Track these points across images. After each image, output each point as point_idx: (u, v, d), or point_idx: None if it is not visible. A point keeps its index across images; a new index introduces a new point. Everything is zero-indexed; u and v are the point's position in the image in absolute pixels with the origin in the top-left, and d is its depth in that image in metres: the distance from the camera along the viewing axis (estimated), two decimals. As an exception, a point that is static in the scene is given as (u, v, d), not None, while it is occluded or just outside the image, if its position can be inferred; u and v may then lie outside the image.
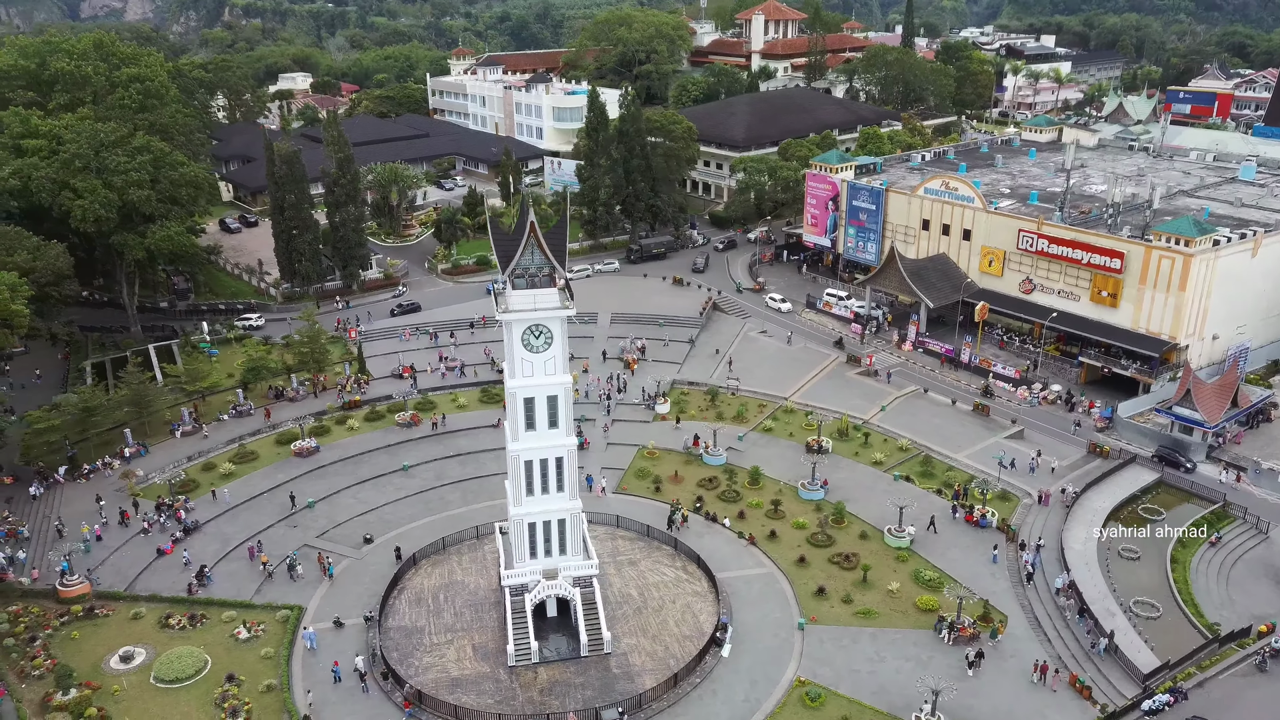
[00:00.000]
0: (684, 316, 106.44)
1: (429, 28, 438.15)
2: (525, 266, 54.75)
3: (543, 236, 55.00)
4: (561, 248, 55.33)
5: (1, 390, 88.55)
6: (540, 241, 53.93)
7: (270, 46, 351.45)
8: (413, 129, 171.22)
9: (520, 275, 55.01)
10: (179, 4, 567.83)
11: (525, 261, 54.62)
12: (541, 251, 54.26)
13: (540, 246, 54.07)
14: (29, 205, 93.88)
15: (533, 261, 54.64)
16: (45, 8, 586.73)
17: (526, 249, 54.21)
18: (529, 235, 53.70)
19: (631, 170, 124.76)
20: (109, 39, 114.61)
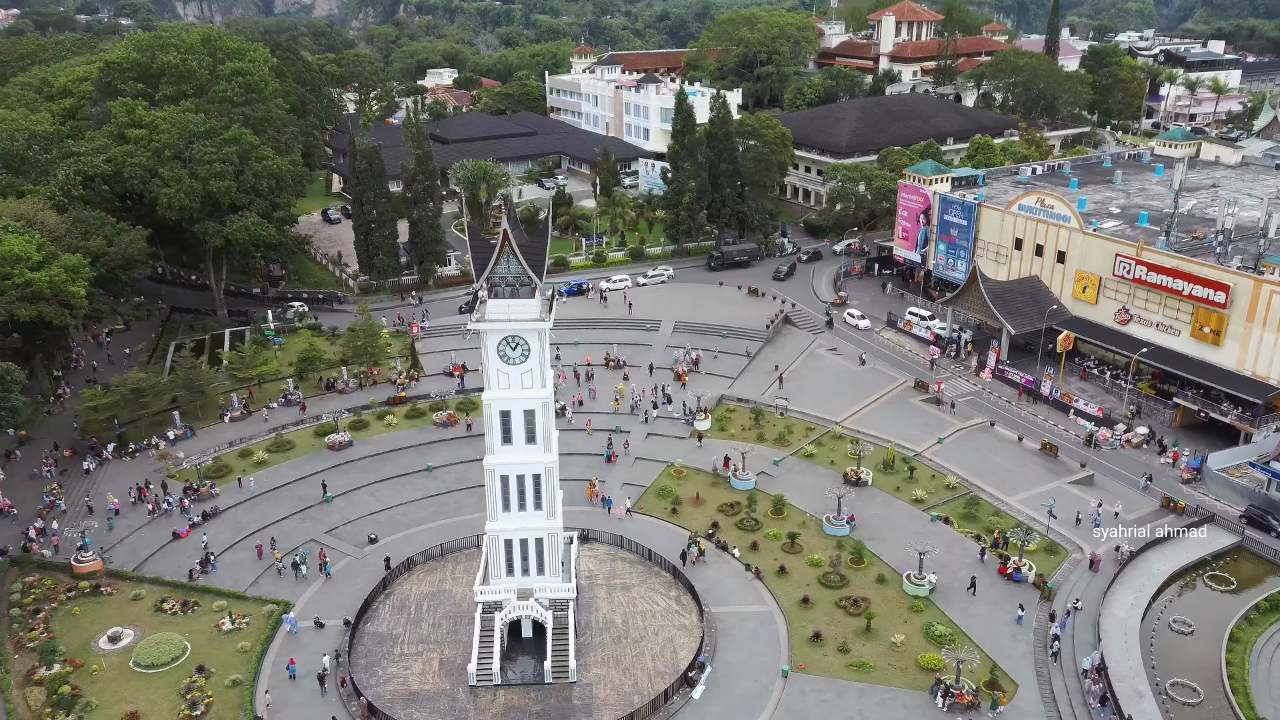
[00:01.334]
0: (749, 329, 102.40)
1: (587, 26, 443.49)
2: (502, 275, 52.84)
3: (522, 246, 53.04)
4: (540, 258, 53.18)
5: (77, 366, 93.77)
6: (515, 251, 51.89)
7: (423, 43, 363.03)
8: (521, 127, 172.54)
9: (498, 284, 53.13)
10: (359, 1, 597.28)
11: (502, 270, 52.72)
12: (518, 261, 52.21)
13: (516, 256, 52.04)
14: (122, 191, 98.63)
15: (509, 271, 52.67)
16: (242, 4, 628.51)
17: (502, 257, 52.30)
18: (503, 244, 51.76)
19: (719, 174, 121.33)
20: (218, 34, 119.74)
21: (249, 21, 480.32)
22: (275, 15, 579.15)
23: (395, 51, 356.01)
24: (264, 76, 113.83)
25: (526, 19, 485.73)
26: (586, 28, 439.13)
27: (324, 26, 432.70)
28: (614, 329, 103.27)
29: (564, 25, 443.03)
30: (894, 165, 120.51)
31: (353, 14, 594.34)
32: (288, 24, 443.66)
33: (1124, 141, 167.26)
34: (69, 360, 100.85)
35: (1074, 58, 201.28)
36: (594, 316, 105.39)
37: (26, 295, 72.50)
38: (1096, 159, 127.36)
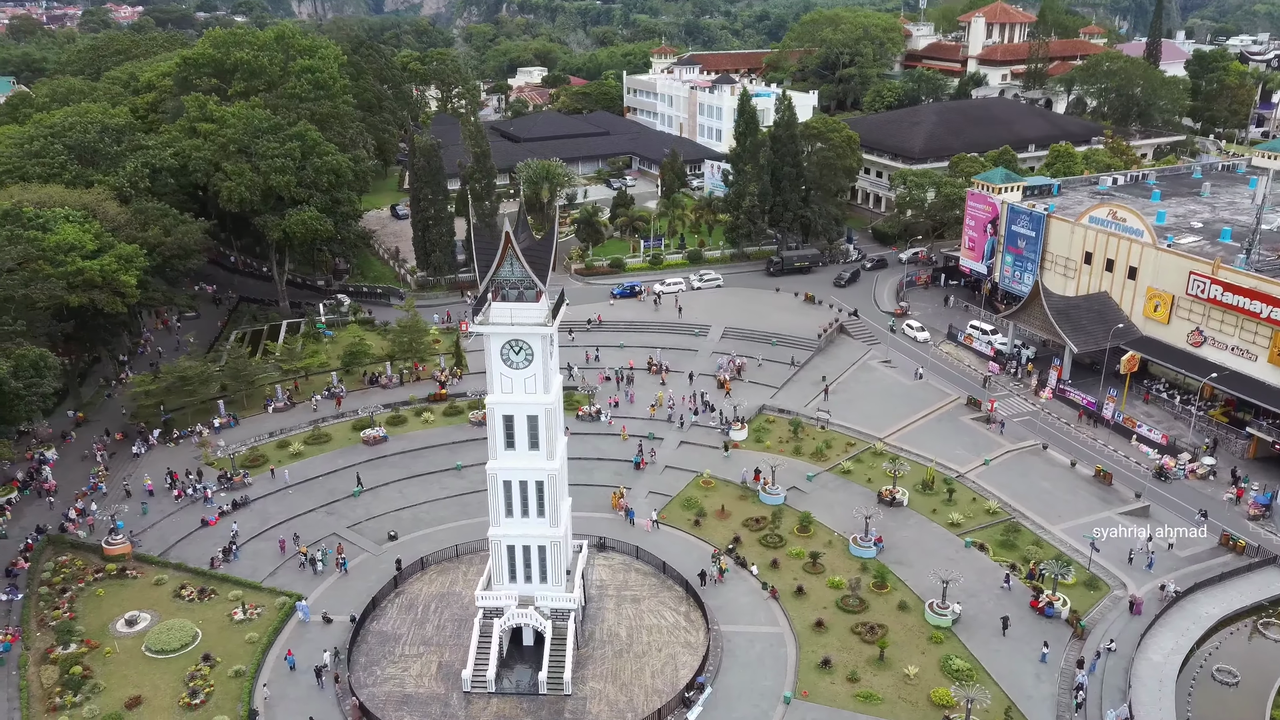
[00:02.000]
0: (801, 337, 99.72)
1: (685, 26, 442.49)
2: (505, 279, 52.04)
3: (526, 249, 52.20)
4: (545, 262, 52.23)
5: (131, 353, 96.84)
6: (518, 254, 51.02)
7: (516, 41, 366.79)
8: (595, 127, 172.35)
9: (502, 288, 52.35)
10: (463, 0, 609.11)
11: (505, 274, 51.91)
12: (521, 264, 51.33)
13: (519, 259, 51.16)
14: (187, 184, 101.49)
15: (513, 274, 51.83)
16: (352, 3, 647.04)
17: (505, 260, 51.47)
18: (505, 247, 50.94)
19: (782, 177, 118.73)
20: (291, 31, 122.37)
21: (355, 20, 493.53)
22: (384, 14, 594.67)
23: (489, 50, 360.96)
24: (332, 74, 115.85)
25: (626, 18, 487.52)
26: (684, 28, 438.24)
27: (426, 25, 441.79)
28: (661, 332, 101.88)
29: (661, 25, 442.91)
30: (964, 172, 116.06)
31: (457, 13, 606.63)
32: (391, 22, 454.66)
33: (1227, 151, 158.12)
34: (136, 345, 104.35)
35: (1178, 62, 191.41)
36: (643, 319, 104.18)
37: (78, 283, 74.80)
38: (1186, 170, 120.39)
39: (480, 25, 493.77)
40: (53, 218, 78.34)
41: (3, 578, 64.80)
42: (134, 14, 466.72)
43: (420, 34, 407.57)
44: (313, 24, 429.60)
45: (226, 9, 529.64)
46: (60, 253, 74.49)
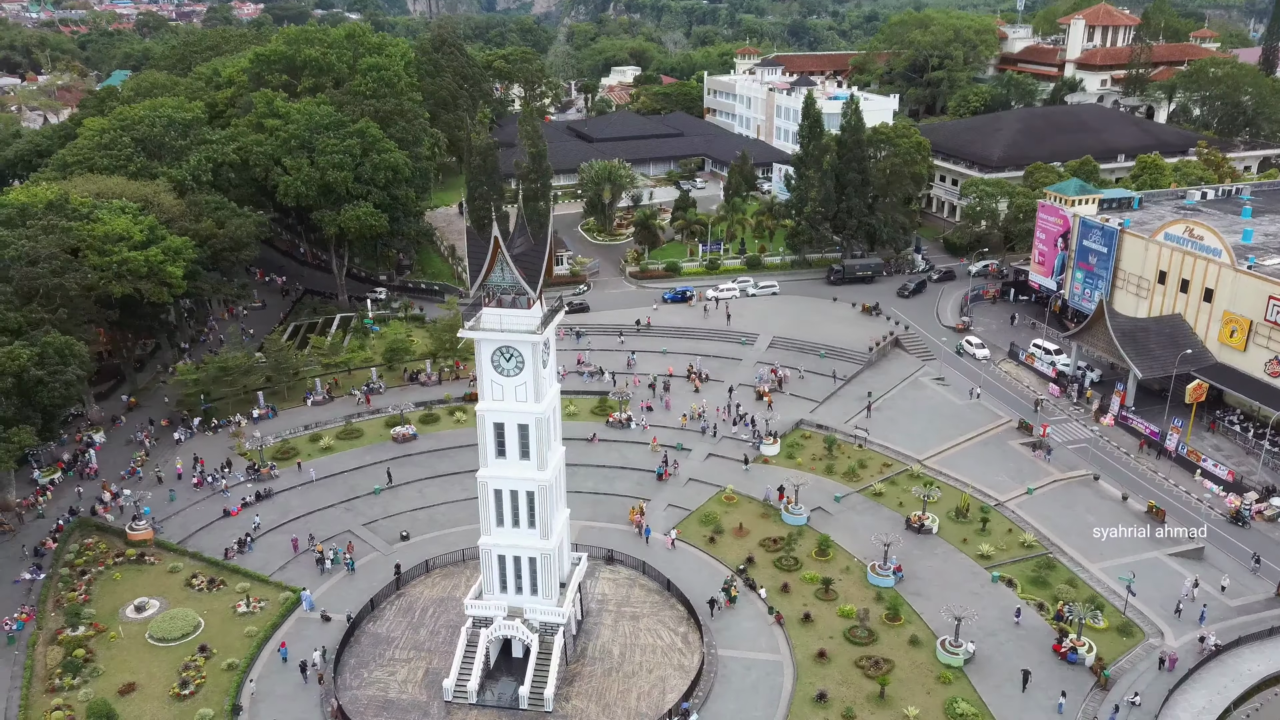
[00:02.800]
0: (851, 350, 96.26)
1: (790, 26, 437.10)
2: (497, 284, 50.95)
3: (519, 255, 51.06)
4: (537, 268, 50.95)
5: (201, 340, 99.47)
6: (508, 259, 49.87)
7: (612, 40, 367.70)
8: (669, 128, 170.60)
9: (493, 293, 51.31)
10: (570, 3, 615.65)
11: (496, 279, 50.82)
12: (511, 270, 50.16)
13: (509, 265, 50.01)
14: (248, 178, 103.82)
15: (504, 280, 50.71)
16: (465, 1, 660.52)
17: (496, 266, 50.38)
18: (494, 252, 49.85)
19: (846, 183, 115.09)
20: (361, 30, 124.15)
21: (461, 17, 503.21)
22: (496, 11, 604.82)
23: (586, 48, 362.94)
24: (398, 71, 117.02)
25: (731, 18, 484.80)
26: (788, 28, 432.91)
27: (531, 23, 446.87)
28: (706, 340, 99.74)
29: (766, 25, 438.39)
30: (1038, 182, 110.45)
31: (565, 11, 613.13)
32: (497, 20, 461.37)
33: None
34: (199, 333, 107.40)
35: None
36: (689, 325, 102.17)
37: (123, 273, 76.86)
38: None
39: (582, 24, 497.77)
40: (101, 208, 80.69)
41: (31, 556, 66.83)
42: (256, 10, 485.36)
43: (525, 32, 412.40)
44: (421, 21, 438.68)
45: (342, 5, 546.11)
46: (108, 243, 76.64)
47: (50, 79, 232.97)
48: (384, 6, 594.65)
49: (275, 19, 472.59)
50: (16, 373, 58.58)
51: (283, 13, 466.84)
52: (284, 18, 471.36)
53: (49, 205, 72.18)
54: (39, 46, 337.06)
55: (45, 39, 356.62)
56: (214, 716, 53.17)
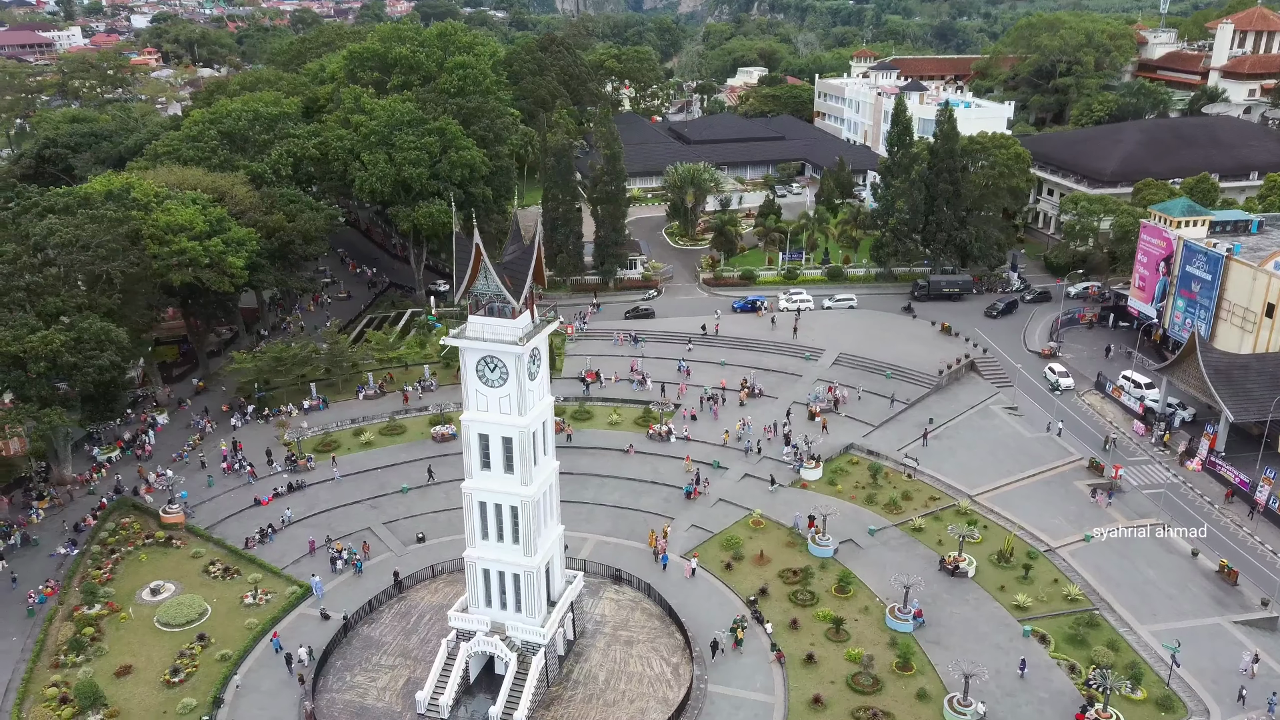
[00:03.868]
0: (920, 372, 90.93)
1: (938, 29, 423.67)
2: (482, 292, 49.53)
3: (506, 263, 49.54)
4: (522, 277, 49.24)
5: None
6: (489, 267, 48.36)
7: (742, 40, 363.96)
8: (772, 131, 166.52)
9: (479, 300, 49.92)
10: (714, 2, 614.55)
11: (481, 287, 49.40)
12: (493, 278, 48.63)
13: (491, 273, 48.49)
14: (327, 172, 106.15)
15: (488, 288, 49.24)
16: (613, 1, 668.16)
17: (479, 273, 48.95)
18: (475, 259, 48.41)
19: (937, 194, 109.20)
20: (454, 29, 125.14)
21: (602, 17, 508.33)
22: (643, 11, 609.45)
23: (715, 48, 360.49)
24: (484, 70, 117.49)
25: (877, 19, 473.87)
26: (936, 30, 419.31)
27: (669, 23, 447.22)
28: (769, 353, 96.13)
29: (912, 27, 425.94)
30: (1146, 200, 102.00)
31: (708, 10, 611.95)
32: (636, 19, 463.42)
33: None
34: (282, 322, 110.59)
35: None
36: (752, 337, 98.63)
37: (183, 262, 79.31)
38: None
39: (718, 24, 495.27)
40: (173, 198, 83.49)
41: (71, 532, 69.54)
42: (408, 8, 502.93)
43: (663, 31, 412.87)
44: (562, 20, 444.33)
45: (489, 3, 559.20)
46: (169, 232, 79.19)
47: (175, 72, 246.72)
48: (527, 5, 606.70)
49: (423, 17, 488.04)
50: (50, 356, 60.83)
51: (430, 10, 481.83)
52: (431, 15, 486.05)
53: (108, 195, 75.10)
54: (200, 41, 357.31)
55: (206, 34, 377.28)
56: (196, 707, 53.77)
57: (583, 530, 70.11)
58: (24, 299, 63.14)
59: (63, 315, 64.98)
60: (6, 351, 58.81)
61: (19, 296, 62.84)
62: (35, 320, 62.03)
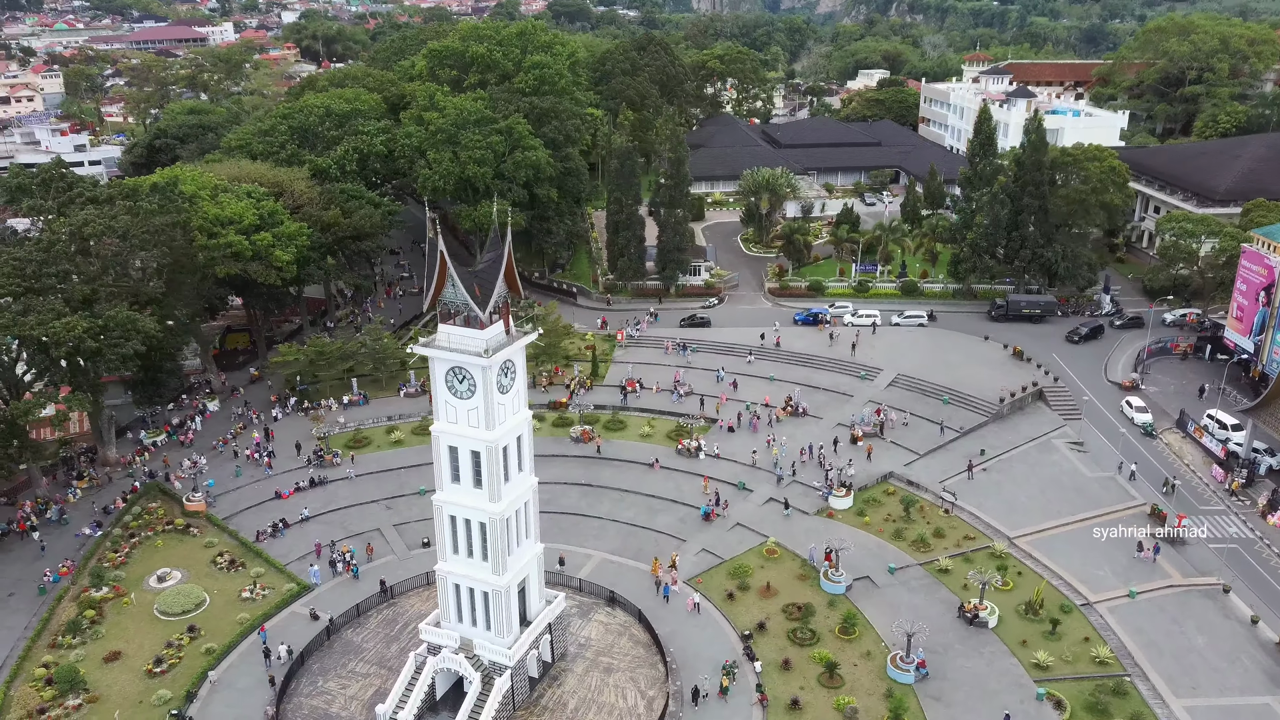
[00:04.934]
0: (981, 398, 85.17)
1: (1086, 32, 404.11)
2: (451, 301, 47.99)
3: (478, 271, 47.92)
4: (490, 285, 47.43)
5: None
6: (454, 277, 46.75)
7: (865, 42, 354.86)
8: (867, 136, 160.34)
9: (447, 310, 48.41)
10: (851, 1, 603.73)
11: (449, 295, 47.86)
12: (458, 288, 47.00)
13: (456, 283, 46.87)
14: (393, 169, 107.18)
15: (455, 297, 47.64)
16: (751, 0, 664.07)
17: (446, 282, 47.40)
18: (440, 268, 46.87)
19: (1022, 209, 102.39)
20: (534, 29, 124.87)
21: (731, 16, 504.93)
22: (779, 11, 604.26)
23: (836, 50, 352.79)
24: (560, 70, 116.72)
25: (1022, 21, 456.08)
26: (1084, 33, 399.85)
27: (801, 23, 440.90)
28: (823, 370, 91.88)
29: (1059, 29, 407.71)
30: (1253, 222, 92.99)
31: (845, 10, 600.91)
32: (765, 19, 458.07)
33: None
34: (350, 314, 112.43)
35: None
36: (808, 353, 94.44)
37: (230, 255, 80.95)
38: None
39: (848, 25, 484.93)
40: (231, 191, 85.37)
41: (100, 513, 71.61)
42: (542, 6, 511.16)
43: (792, 31, 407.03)
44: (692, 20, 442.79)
45: (622, 2, 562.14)
46: (218, 225, 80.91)
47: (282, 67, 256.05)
48: (663, 5, 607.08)
49: (554, 15, 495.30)
50: (73, 342, 62.61)
51: (563, 9, 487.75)
52: (562, 14, 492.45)
53: (153, 187, 77.21)
54: (335, 38, 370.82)
55: (341, 30, 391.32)
56: (170, 700, 54.15)
57: (589, 546, 68.10)
58: (53, 285, 65.27)
59: (94, 303, 66.79)
60: (30, 335, 60.73)
61: (50, 283, 64.97)
62: (63, 307, 63.97)
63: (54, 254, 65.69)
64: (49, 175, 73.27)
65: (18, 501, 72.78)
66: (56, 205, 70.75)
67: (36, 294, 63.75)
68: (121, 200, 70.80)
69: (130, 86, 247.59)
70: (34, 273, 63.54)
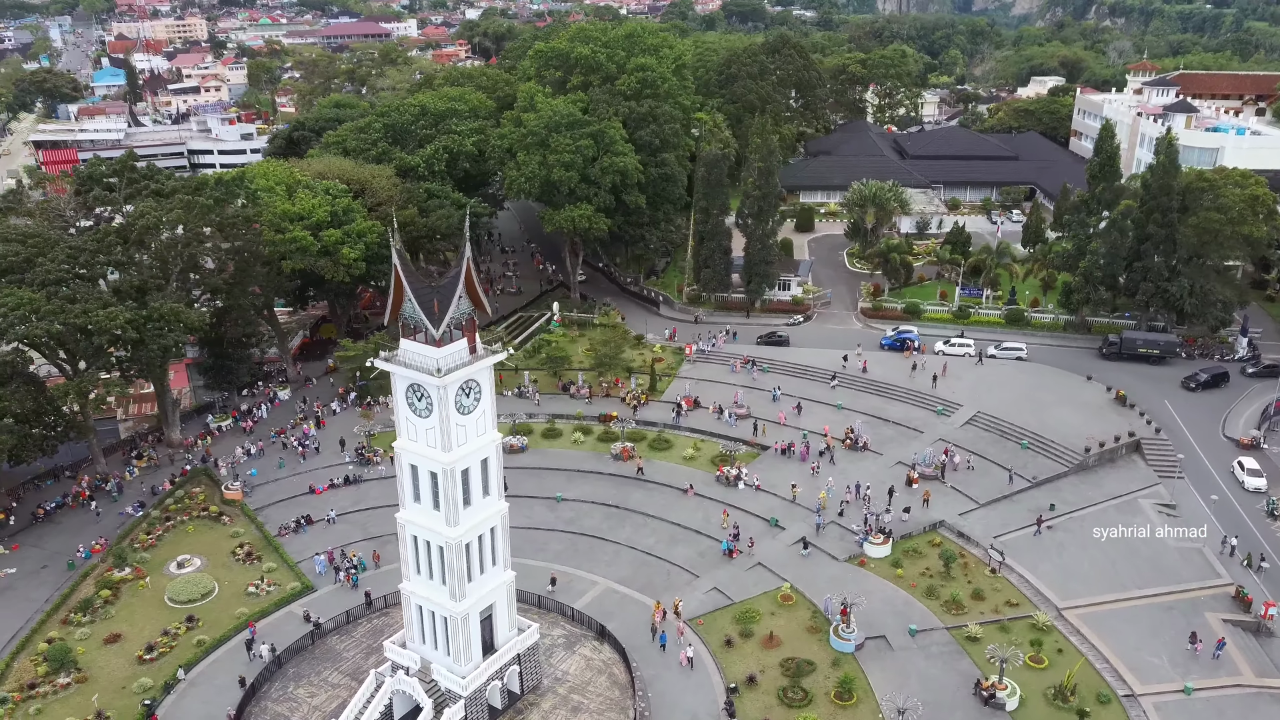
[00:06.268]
0: (1065, 446, 77.13)
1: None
2: (408, 316, 46.38)
3: (438, 287, 46.12)
4: (447, 301, 45.44)
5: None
6: (408, 292, 45.05)
7: (1042, 47, 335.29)
8: (1004, 149, 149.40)
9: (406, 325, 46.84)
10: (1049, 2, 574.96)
11: (408, 311, 46.25)
12: (413, 304, 45.31)
13: (410, 298, 45.17)
14: (482, 170, 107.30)
15: (414, 313, 45.97)
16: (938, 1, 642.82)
17: (404, 298, 45.78)
18: (396, 282, 45.28)
19: (1146, 238, 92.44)
20: (643, 30, 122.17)
21: (910, 17, 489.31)
22: (972, 12, 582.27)
23: (1014, 55, 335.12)
24: (663, 74, 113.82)
25: (1237, 24, 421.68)
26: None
27: (983, 25, 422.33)
28: (897, 400, 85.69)
29: (1276, 36, 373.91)
30: None
31: (1040, 13, 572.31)
32: (945, 21, 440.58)
33: None
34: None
35: None
36: (886, 381, 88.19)
37: (297, 250, 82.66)
38: None
39: (1034, 28, 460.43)
40: (311, 187, 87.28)
41: (148, 494, 74.43)
42: (716, 4, 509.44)
43: (974, 34, 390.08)
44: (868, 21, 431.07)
45: (800, 3, 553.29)
46: (287, 220, 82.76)
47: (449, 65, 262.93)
48: (845, 6, 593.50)
49: (726, 14, 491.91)
50: (113, 331, 64.99)
51: (737, 9, 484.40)
52: (734, 14, 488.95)
53: (217, 182, 79.58)
54: (506, 36, 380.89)
55: (511, 29, 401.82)
56: (151, 688, 55.13)
57: (598, 572, 65.44)
58: (103, 273, 68.13)
59: (146, 293, 69.27)
60: (73, 323, 63.41)
61: (100, 271, 67.80)
62: (110, 296, 66.59)
63: (106, 244, 68.49)
64: (121, 166, 76.70)
65: (79, 475, 76.59)
66: (123, 196, 73.96)
67: (87, 281, 66.59)
68: (179, 194, 73.26)
69: (300, 79, 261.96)
70: (86, 261, 66.39)
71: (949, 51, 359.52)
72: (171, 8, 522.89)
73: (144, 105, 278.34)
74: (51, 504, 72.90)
